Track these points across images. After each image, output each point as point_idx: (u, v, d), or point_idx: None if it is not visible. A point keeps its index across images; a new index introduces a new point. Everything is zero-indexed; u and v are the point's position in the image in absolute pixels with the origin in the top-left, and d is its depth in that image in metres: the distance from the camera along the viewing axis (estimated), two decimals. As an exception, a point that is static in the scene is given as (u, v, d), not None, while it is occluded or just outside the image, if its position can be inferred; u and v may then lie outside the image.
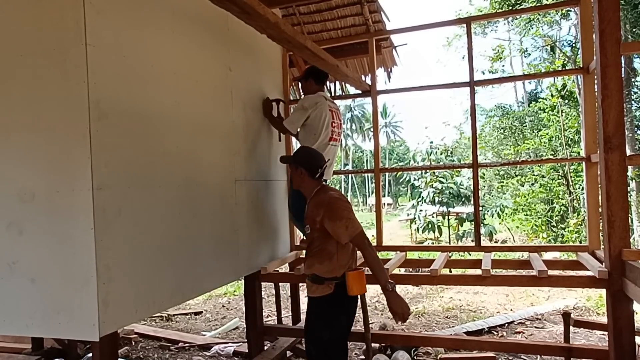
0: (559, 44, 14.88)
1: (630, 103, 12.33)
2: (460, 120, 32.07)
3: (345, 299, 2.56)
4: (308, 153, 2.78)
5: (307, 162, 2.66)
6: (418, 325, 5.43)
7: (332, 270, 2.55)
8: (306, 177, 2.65)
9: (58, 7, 1.99)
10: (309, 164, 2.64)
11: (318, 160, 2.69)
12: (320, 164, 2.66)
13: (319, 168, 2.64)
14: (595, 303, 5.87)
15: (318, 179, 2.66)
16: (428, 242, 13.19)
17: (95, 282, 1.93)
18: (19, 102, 2.07)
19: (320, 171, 2.65)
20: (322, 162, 2.69)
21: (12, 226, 2.07)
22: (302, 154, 2.77)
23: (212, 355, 4.46)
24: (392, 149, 53.20)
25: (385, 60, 4.69)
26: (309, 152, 2.81)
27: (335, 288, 2.54)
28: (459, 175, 12.68)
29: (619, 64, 2.62)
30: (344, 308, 2.60)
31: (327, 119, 3.42)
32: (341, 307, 2.59)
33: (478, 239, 3.80)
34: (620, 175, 2.63)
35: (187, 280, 2.61)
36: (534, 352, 3.79)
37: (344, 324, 2.64)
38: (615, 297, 2.65)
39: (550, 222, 13.04)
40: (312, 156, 2.72)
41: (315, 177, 2.64)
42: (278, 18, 2.40)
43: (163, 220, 2.41)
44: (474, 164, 3.75)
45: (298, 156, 2.76)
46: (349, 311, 2.64)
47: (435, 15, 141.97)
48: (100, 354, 2.07)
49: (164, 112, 2.46)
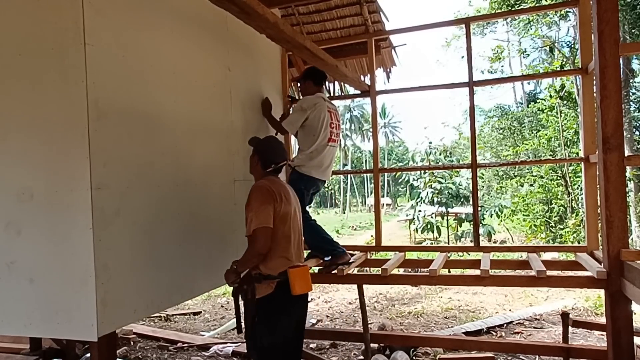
0: (558, 44, 14.89)
1: (628, 104, 12.35)
2: (459, 121, 32.08)
3: (288, 300, 2.36)
4: (269, 145, 2.64)
5: (263, 152, 2.56)
6: (417, 325, 5.42)
7: (268, 267, 2.36)
8: (258, 165, 2.56)
9: (57, 7, 1.99)
10: (264, 155, 2.54)
11: (275, 155, 2.56)
12: (275, 160, 2.54)
13: (273, 163, 2.53)
14: (594, 303, 5.87)
15: (268, 173, 2.53)
16: (427, 242, 13.21)
17: (93, 282, 1.93)
18: (18, 102, 2.07)
19: (273, 167, 2.53)
20: (279, 159, 2.56)
21: (10, 226, 2.06)
22: (263, 143, 2.65)
23: (210, 356, 4.45)
24: (391, 150, 53.21)
25: (385, 61, 4.69)
26: (271, 144, 2.65)
27: (276, 287, 2.35)
28: (458, 175, 12.69)
29: (617, 64, 2.63)
30: (287, 310, 2.40)
31: (325, 120, 3.43)
32: (283, 308, 2.39)
33: (477, 240, 3.80)
34: (619, 176, 2.63)
35: (186, 281, 2.61)
36: (533, 353, 3.80)
37: (288, 328, 2.43)
38: (613, 297, 2.66)
39: (549, 223, 13.06)
40: (271, 149, 2.59)
41: (266, 170, 2.53)
42: (277, 18, 2.40)
43: (162, 220, 2.41)
44: (473, 164, 3.76)
45: (260, 144, 2.65)
46: (292, 313, 2.44)
47: (434, 16, 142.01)
48: (99, 354, 2.07)
49: (162, 112, 2.46)
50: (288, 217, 2.43)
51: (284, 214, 2.40)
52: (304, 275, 2.39)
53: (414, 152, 15.19)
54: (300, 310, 2.52)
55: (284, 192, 2.46)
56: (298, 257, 2.51)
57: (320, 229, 3.46)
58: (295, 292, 2.34)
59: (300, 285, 2.36)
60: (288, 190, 2.56)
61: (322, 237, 3.43)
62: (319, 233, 3.42)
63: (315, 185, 3.51)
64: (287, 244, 2.42)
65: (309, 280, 2.41)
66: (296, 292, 2.34)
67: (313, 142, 3.39)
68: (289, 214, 2.44)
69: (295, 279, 2.35)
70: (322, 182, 3.57)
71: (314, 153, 3.39)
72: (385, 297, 6.88)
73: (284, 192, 2.46)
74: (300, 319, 2.55)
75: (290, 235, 2.45)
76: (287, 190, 2.55)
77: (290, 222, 2.45)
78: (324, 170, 3.49)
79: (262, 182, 2.45)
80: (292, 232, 2.47)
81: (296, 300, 2.41)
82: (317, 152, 3.41)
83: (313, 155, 3.39)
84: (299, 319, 2.53)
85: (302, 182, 3.35)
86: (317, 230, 3.42)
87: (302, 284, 2.37)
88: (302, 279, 2.37)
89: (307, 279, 2.40)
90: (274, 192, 2.38)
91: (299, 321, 2.54)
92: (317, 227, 3.44)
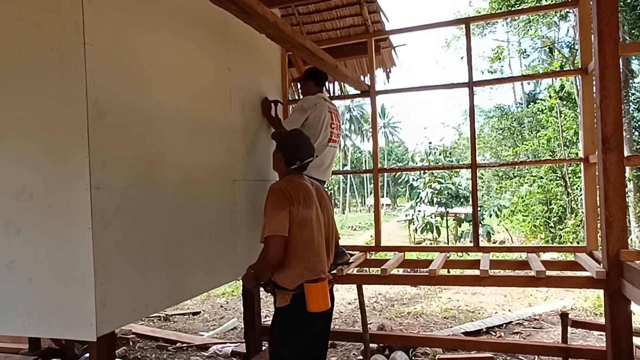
0: (557, 45, 14.91)
1: (628, 104, 12.37)
2: (459, 121, 32.14)
3: (306, 315, 2.15)
4: (293, 139, 2.46)
5: (287, 148, 2.39)
6: (416, 325, 5.42)
7: (284, 278, 2.18)
8: (282, 162, 2.39)
9: (56, 6, 1.98)
10: (288, 151, 2.37)
11: (300, 151, 2.37)
12: (300, 156, 2.35)
13: (298, 160, 2.35)
14: (593, 304, 5.88)
15: (293, 170, 2.36)
16: (426, 242, 13.23)
17: (92, 282, 1.93)
18: (17, 102, 2.06)
19: (298, 164, 2.35)
20: (305, 155, 2.37)
21: (9, 225, 2.06)
22: (287, 138, 2.50)
23: (210, 356, 4.45)
24: (391, 150, 53.23)
25: (384, 61, 4.69)
26: (295, 139, 2.46)
27: (293, 301, 2.17)
28: (458, 175, 12.71)
29: (617, 64, 2.63)
30: (304, 325, 2.19)
31: (326, 120, 3.42)
32: (300, 323, 2.19)
33: (476, 240, 3.80)
34: (619, 176, 2.63)
35: (185, 280, 2.61)
36: (532, 353, 3.80)
37: (306, 344, 2.22)
38: (612, 297, 2.66)
39: (548, 223, 13.08)
40: (296, 144, 2.40)
41: (290, 167, 2.35)
42: (277, 18, 2.40)
43: (161, 220, 2.41)
44: (473, 165, 3.76)
45: (283, 138, 2.50)
46: (311, 328, 2.22)
47: (434, 16, 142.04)
48: (98, 354, 2.06)
49: (162, 112, 2.46)
50: (308, 222, 2.22)
51: (303, 219, 2.20)
52: (322, 291, 2.14)
53: (414, 152, 15.22)
54: (320, 326, 2.29)
55: (304, 194, 2.26)
56: (321, 264, 2.26)
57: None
58: (310, 309, 2.13)
59: (315, 302, 2.12)
60: (311, 191, 2.34)
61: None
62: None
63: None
64: (307, 252, 2.21)
65: (326, 297, 2.16)
66: (311, 309, 2.13)
67: (313, 143, 3.39)
68: (309, 219, 2.23)
69: (310, 295, 2.12)
70: (322, 183, 3.57)
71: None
72: (384, 297, 6.89)
73: (304, 194, 2.26)
74: (322, 333, 2.34)
75: (312, 241, 2.23)
76: (310, 191, 2.33)
77: (311, 227, 2.24)
78: (324, 170, 3.48)
79: (279, 184, 2.29)
80: (315, 237, 2.25)
81: (317, 315, 2.17)
82: (317, 152, 3.40)
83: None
84: (320, 333, 2.31)
85: None
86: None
87: (319, 301, 2.13)
88: (320, 294, 2.13)
89: (324, 294, 2.15)
90: (290, 194, 2.19)
91: (321, 335, 2.33)
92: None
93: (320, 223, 2.34)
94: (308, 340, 2.24)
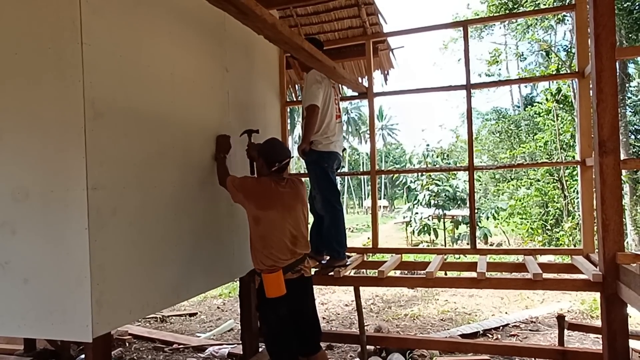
0: (554, 48, 14.97)
1: (624, 108, 12.43)
2: (457, 124, 32.13)
3: (268, 299, 2.50)
4: (270, 145, 2.77)
5: (265, 153, 2.70)
6: (413, 327, 5.42)
7: (254, 261, 2.58)
8: (264, 168, 2.71)
9: (54, 6, 1.98)
10: (267, 155, 2.69)
11: (277, 153, 2.68)
12: (278, 158, 2.66)
13: (276, 162, 2.65)
14: (590, 306, 5.89)
15: (273, 172, 2.66)
16: (423, 244, 13.22)
17: (89, 283, 1.92)
18: (14, 101, 2.06)
19: (277, 165, 2.65)
20: (282, 157, 2.68)
21: (5, 226, 2.05)
22: (264, 145, 2.78)
23: (206, 357, 4.44)
24: (389, 152, 53.27)
25: (382, 63, 4.70)
26: (272, 144, 2.79)
27: (260, 285, 2.53)
28: (455, 178, 12.74)
29: (614, 68, 2.64)
30: (271, 305, 2.52)
31: (331, 96, 3.43)
32: (267, 304, 2.53)
33: (473, 242, 3.81)
34: (615, 179, 2.64)
35: (182, 281, 2.60)
36: (529, 355, 3.80)
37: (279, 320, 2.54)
38: (609, 300, 2.67)
39: (545, 226, 13.11)
40: (273, 148, 2.72)
41: (272, 170, 2.65)
42: (275, 19, 2.40)
43: (158, 220, 2.40)
44: (470, 167, 3.77)
45: (262, 147, 2.79)
46: (275, 311, 2.53)
47: (432, 18, 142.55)
48: (94, 355, 2.06)
49: (159, 112, 2.45)
50: (262, 220, 2.54)
51: (256, 216, 2.54)
52: (276, 280, 2.46)
53: (411, 154, 15.23)
54: (285, 309, 2.54)
55: (266, 196, 2.57)
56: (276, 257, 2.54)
57: (341, 226, 3.40)
58: (267, 295, 2.47)
59: (270, 289, 2.45)
60: (277, 193, 2.61)
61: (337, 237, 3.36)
62: (338, 228, 3.37)
63: (337, 159, 3.50)
64: (263, 244, 2.53)
65: (281, 285, 2.47)
66: (268, 295, 2.46)
67: (323, 121, 3.37)
68: (262, 218, 2.54)
69: (266, 283, 2.47)
70: (339, 155, 3.55)
71: (326, 129, 3.37)
72: (381, 299, 6.89)
73: (266, 196, 2.57)
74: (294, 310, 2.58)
75: (266, 236, 2.54)
76: (276, 193, 2.60)
77: (266, 224, 2.54)
78: (339, 145, 3.52)
79: (252, 178, 2.65)
80: (270, 233, 2.54)
81: (276, 300, 2.48)
82: (329, 129, 3.40)
83: (326, 131, 3.38)
84: (290, 311, 2.56)
85: (324, 160, 3.35)
86: (338, 225, 3.37)
87: (274, 288, 2.45)
88: (274, 283, 2.46)
89: (279, 283, 2.46)
90: (251, 191, 2.59)
91: (295, 312, 2.58)
92: (340, 221, 3.39)
93: (284, 220, 2.59)
94: (276, 319, 2.55)
